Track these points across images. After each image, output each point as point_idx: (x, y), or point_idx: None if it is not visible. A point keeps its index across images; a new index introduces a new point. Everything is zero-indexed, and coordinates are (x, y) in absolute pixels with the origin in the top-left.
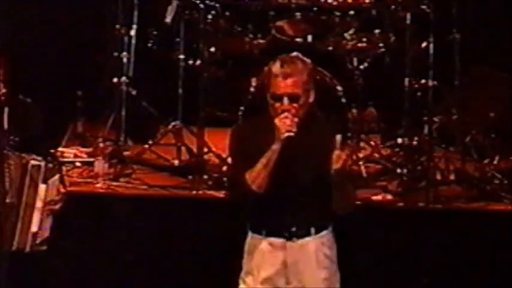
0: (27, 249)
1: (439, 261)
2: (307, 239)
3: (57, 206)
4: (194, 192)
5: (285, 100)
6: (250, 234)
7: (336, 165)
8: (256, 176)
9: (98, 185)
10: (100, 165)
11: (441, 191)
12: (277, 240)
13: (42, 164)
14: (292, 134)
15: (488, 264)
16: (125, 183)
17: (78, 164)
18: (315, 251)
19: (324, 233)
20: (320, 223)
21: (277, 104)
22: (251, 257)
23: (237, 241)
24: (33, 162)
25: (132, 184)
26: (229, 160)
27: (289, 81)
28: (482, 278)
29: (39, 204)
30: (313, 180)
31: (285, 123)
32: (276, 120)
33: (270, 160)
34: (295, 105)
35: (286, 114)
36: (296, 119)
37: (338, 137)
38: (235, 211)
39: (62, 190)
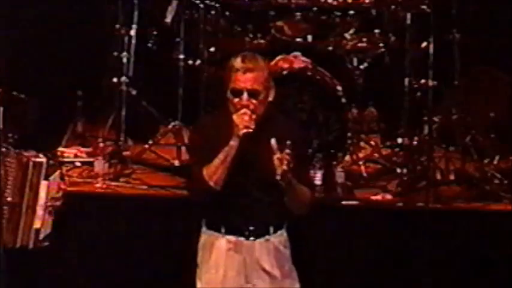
0: (31, 245)
1: (439, 261)
2: (265, 237)
3: (58, 203)
4: None
5: (245, 95)
6: (205, 230)
7: (278, 170)
8: (214, 171)
9: (98, 185)
10: (100, 165)
11: (441, 191)
12: (237, 239)
13: (44, 160)
14: (250, 130)
15: (489, 264)
16: (124, 183)
17: (78, 164)
18: (273, 249)
19: (281, 231)
20: (278, 222)
21: (236, 100)
22: (208, 255)
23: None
24: (34, 159)
25: (132, 184)
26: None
27: (250, 76)
28: (482, 278)
29: (41, 201)
30: (270, 177)
31: (243, 120)
32: (234, 117)
33: (227, 156)
34: (254, 101)
35: (244, 110)
36: (254, 116)
37: (273, 141)
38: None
39: (63, 186)
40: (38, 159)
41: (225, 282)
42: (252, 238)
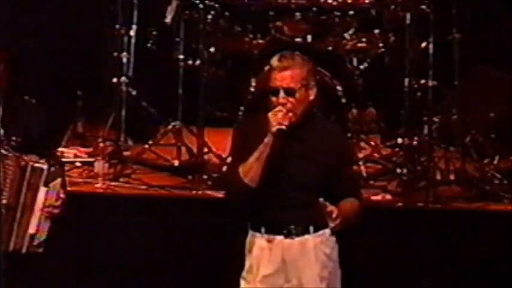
0: (24, 250)
1: (439, 261)
2: (306, 236)
3: (56, 211)
4: (194, 192)
5: (281, 93)
6: (250, 232)
7: (331, 224)
8: (249, 169)
9: (98, 185)
10: (100, 165)
11: (441, 191)
12: (276, 238)
13: (45, 167)
14: (283, 127)
15: (488, 264)
16: (124, 183)
17: (78, 164)
18: (313, 249)
19: (323, 231)
20: (319, 222)
21: (274, 98)
22: (250, 255)
23: (238, 240)
24: (35, 164)
25: (132, 184)
26: (229, 158)
27: (286, 74)
28: (482, 278)
29: (38, 206)
30: (311, 179)
31: (277, 117)
32: (269, 114)
33: (262, 153)
34: (291, 99)
35: (279, 107)
36: (290, 114)
37: (321, 200)
38: (233, 210)
39: (62, 195)
40: (37, 165)
41: (265, 282)
42: (291, 237)
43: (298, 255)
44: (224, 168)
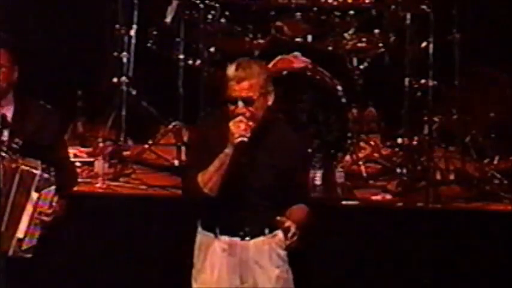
0: (10, 253)
1: (439, 261)
2: (261, 238)
3: (47, 218)
4: None
5: (240, 104)
6: (201, 231)
7: (287, 242)
8: (208, 179)
9: (98, 185)
10: (100, 165)
11: (441, 191)
12: (232, 239)
13: (38, 172)
14: (245, 139)
15: (488, 264)
16: (124, 183)
17: (78, 164)
18: (268, 250)
19: (276, 232)
20: (273, 223)
21: (232, 107)
22: (203, 255)
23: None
24: (26, 168)
25: (132, 184)
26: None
27: (244, 84)
28: (482, 278)
29: (28, 211)
30: (268, 182)
31: (239, 128)
32: (231, 124)
33: (222, 164)
34: (250, 108)
35: (241, 117)
36: (251, 123)
37: (278, 218)
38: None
39: (55, 204)
40: (29, 169)
41: (220, 283)
42: (247, 238)
43: (253, 256)
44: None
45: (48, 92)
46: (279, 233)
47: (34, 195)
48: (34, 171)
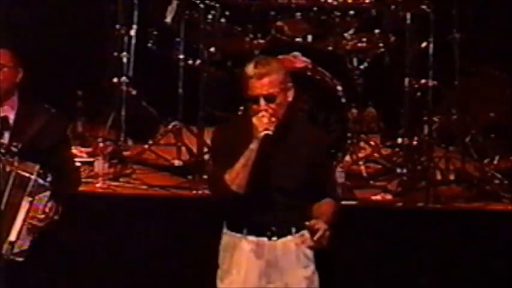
0: (3, 256)
1: (439, 261)
2: (288, 238)
3: (39, 224)
4: (194, 192)
5: (261, 101)
6: (227, 231)
7: (311, 243)
8: (235, 176)
9: (98, 185)
10: (100, 165)
11: (441, 191)
12: (259, 239)
13: (32, 177)
14: (269, 132)
15: (488, 264)
16: (124, 183)
17: (78, 164)
18: (295, 250)
19: (303, 232)
20: (300, 222)
21: (255, 106)
22: (230, 256)
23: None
24: (20, 172)
25: (132, 184)
26: (211, 160)
27: (264, 81)
28: (482, 278)
29: (20, 215)
30: (294, 181)
31: (262, 122)
32: (254, 119)
33: (248, 160)
34: (272, 105)
35: (263, 113)
36: (273, 119)
37: (307, 223)
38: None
39: (48, 210)
40: (24, 173)
41: (247, 283)
42: (274, 238)
43: (280, 256)
44: (208, 173)
45: (48, 92)
46: (306, 233)
47: (27, 199)
48: (29, 175)
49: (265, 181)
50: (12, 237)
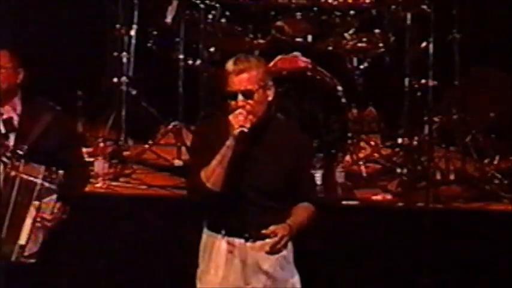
0: (13, 259)
1: (439, 261)
2: (267, 240)
3: (49, 224)
4: None
5: (239, 97)
6: (206, 231)
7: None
8: (211, 172)
9: (98, 185)
10: (100, 165)
11: (441, 191)
12: (237, 241)
13: (38, 181)
14: (245, 129)
15: (488, 264)
16: (124, 183)
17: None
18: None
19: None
20: (278, 224)
21: (233, 102)
22: (208, 256)
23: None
24: (25, 177)
25: (132, 184)
26: (190, 158)
27: (242, 77)
28: (482, 278)
29: (29, 219)
30: (272, 181)
31: (238, 119)
32: (230, 117)
33: (224, 157)
34: (250, 101)
35: (240, 110)
36: (251, 116)
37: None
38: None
39: (56, 211)
40: (29, 178)
41: (224, 284)
42: (251, 240)
43: (258, 258)
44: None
45: (48, 92)
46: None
47: (35, 203)
48: (35, 180)
49: (242, 180)
50: (23, 240)
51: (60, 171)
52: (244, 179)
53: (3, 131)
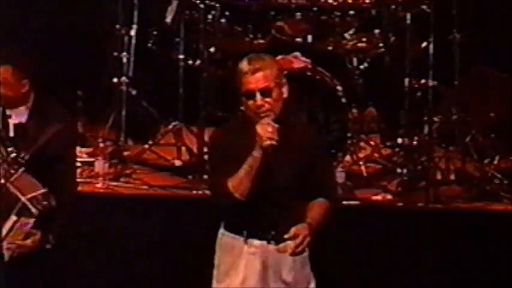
0: None
1: (439, 261)
2: (288, 242)
3: (16, 250)
4: (194, 192)
5: (258, 95)
6: (224, 232)
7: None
8: (239, 184)
9: (98, 185)
10: (100, 165)
11: (441, 191)
12: (258, 243)
13: (22, 198)
14: (274, 142)
15: (488, 264)
16: (124, 183)
17: (78, 164)
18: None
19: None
20: (299, 225)
21: (251, 102)
22: (228, 257)
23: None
24: (12, 189)
25: (132, 184)
26: (209, 165)
27: (259, 75)
28: (482, 278)
29: (5, 229)
30: (292, 179)
31: (267, 131)
32: (258, 127)
33: (252, 168)
34: (268, 99)
35: (267, 120)
36: (273, 116)
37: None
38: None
39: (27, 240)
40: (15, 191)
41: (244, 285)
42: (273, 242)
43: (278, 259)
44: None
45: (48, 92)
46: None
47: (13, 218)
48: (20, 196)
49: (267, 185)
50: None
51: (50, 202)
52: (265, 181)
53: (12, 134)
